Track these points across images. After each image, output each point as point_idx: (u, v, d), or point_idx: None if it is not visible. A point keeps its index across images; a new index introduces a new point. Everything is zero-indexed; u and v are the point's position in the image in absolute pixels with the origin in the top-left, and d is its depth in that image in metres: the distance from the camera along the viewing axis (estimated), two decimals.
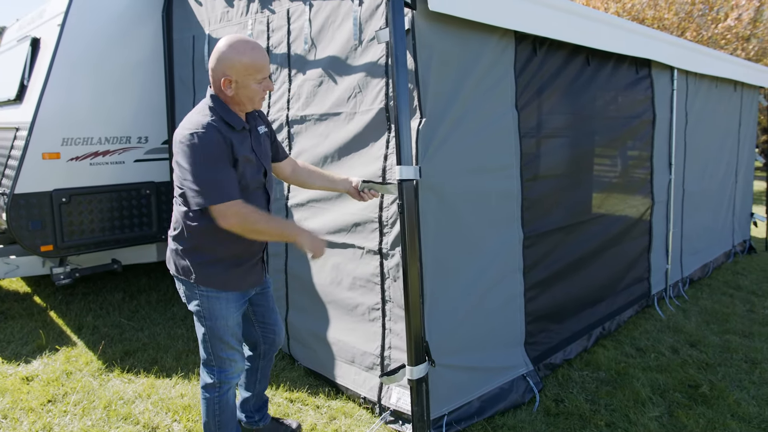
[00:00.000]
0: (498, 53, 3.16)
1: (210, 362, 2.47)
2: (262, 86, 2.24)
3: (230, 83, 2.19)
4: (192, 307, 2.40)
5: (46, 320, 4.68)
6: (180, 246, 2.33)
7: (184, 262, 2.33)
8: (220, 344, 2.42)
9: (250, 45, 2.18)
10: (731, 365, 3.87)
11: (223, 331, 2.40)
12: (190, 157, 2.10)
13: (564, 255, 3.87)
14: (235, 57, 2.15)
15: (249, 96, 2.24)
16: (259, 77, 2.21)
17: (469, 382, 3.11)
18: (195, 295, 2.36)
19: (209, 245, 2.30)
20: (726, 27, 13.25)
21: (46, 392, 3.43)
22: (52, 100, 4.32)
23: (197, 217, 2.26)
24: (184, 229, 2.30)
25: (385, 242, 2.99)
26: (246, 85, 2.20)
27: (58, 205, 4.41)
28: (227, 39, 2.18)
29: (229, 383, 2.50)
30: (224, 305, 2.38)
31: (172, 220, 2.38)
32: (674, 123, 5.09)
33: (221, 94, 2.24)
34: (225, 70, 2.17)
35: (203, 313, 2.37)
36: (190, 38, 4.53)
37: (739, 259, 6.96)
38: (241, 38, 2.18)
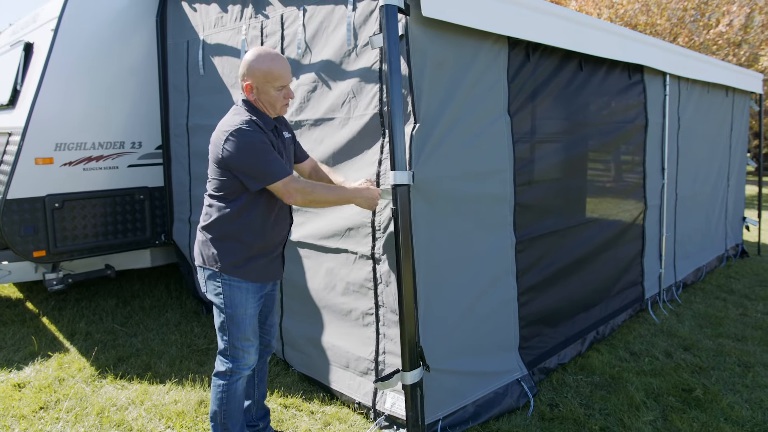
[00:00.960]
0: (491, 59, 3.17)
1: (225, 351, 2.56)
2: (281, 94, 2.46)
3: (252, 89, 2.43)
4: (213, 296, 2.53)
5: (38, 326, 4.65)
6: (210, 235, 2.49)
7: (212, 250, 2.48)
8: (237, 333, 2.53)
9: (271, 55, 2.42)
10: (724, 369, 3.89)
11: (241, 319, 2.52)
12: (243, 145, 2.30)
13: (557, 259, 3.88)
14: (255, 65, 2.40)
15: (270, 102, 2.46)
16: (277, 84, 2.43)
17: (463, 386, 3.11)
18: (218, 283, 2.50)
19: (238, 234, 2.46)
20: (717, 33, 13.36)
21: (38, 399, 3.41)
22: (45, 105, 4.31)
23: (231, 207, 2.44)
24: (215, 219, 2.47)
25: (378, 247, 2.99)
26: (266, 92, 2.44)
27: (51, 211, 4.39)
28: (252, 50, 2.45)
29: (240, 373, 2.58)
30: (245, 295, 2.52)
31: (202, 213, 2.56)
32: (666, 128, 5.12)
33: (250, 98, 2.47)
34: (247, 77, 2.42)
35: (224, 301, 2.50)
36: (185, 43, 4.53)
37: (732, 263, 7.00)
38: (264, 49, 2.44)
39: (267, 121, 2.46)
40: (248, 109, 2.45)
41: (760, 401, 3.44)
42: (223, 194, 2.44)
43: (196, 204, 4.63)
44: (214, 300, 2.54)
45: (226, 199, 2.45)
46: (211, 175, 2.47)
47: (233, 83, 4.04)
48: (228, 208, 2.45)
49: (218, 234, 2.48)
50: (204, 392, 3.47)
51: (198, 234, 2.57)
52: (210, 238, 2.49)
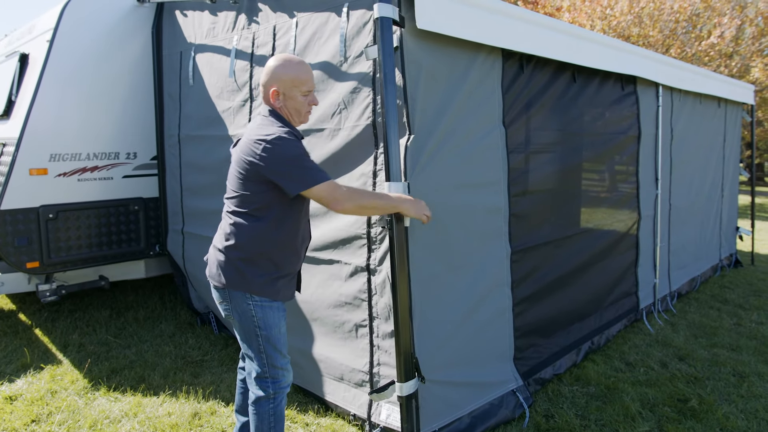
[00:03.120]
0: (485, 70, 3.19)
1: (264, 375, 2.45)
2: (307, 99, 2.42)
3: (278, 95, 2.38)
4: (243, 319, 2.40)
5: (31, 338, 4.61)
6: (238, 255, 2.36)
7: (241, 271, 2.36)
8: (275, 353, 2.44)
9: (296, 60, 2.39)
10: (719, 379, 3.89)
11: (276, 339, 2.43)
12: (284, 151, 2.23)
13: (552, 269, 3.89)
14: (281, 71, 2.36)
15: (296, 108, 2.41)
16: (304, 89, 2.39)
17: (459, 397, 3.10)
18: (248, 306, 2.38)
19: (270, 253, 2.37)
20: (709, 44, 13.50)
21: (29, 412, 3.37)
22: (40, 115, 4.30)
23: (261, 224, 2.34)
24: (244, 238, 2.34)
25: (374, 258, 2.99)
26: (292, 97, 2.39)
27: (45, 222, 4.38)
28: (276, 56, 2.40)
29: (283, 393, 2.50)
30: (277, 314, 2.43)
31: (223, 233, 2.41)
32: (660, 139, 5.16)
33: (275, 108, 2.41)
34: (273, 83, 2.37)
35: (258, 323, 2.39)
36: (178, 54, 4.54)
37: (726, 273, 7.02)
38: (287, 55, 2.40)
39: (296, 132, 2.41)
40: (277, 119, 2.38)
41: (755, 411, 3.44)
42: (253, 210, 2.33)
43: (188, 215, 4.62)
44: (244, 323, 2.41)
45: (256, 216, 2.33)
46: (238, 189, 2.33)
47: (219, 94, 4.05)
48: (259, 225, 2.33)
49: (248, 254, 2.35)
50: (198, 404, 3.45)
51: (217, 254, 2.41)
52: (238, 258, 2.35)
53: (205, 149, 4.27)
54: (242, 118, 3.84)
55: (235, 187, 2.35)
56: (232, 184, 2.38)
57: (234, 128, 3.92)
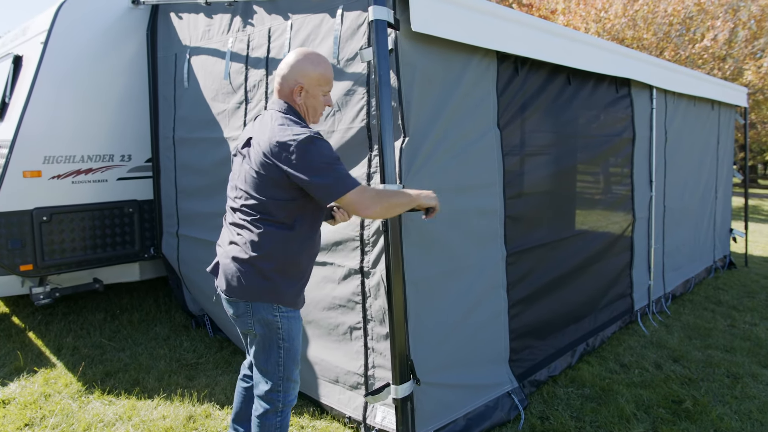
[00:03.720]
0: (480, 73, 3.20)
1: (277, 389, 2.32)
2: (325, 99, 2.34)
3: (302, 91, 2.26)
4: (267, 331, 2.26)
5: (24, 341, 4.59)
6: (268, 266, 2.20)
7: (271, 282, 2.21)
8: (292, 366, 2.33)
9: (322, 58, 2.30)
10: (714, 380, 3.90)
11: (296, 351, 2.33)
12: (317, 156, 2.06)
13: (547, 271, 3.90)
14: (309, 66, 2.25)
15: (314, 106, 2.32)
16: (326, 89, 2.32)
17: (454, 400, 3.10)
18: (274, 317, 2.25)
19: (298, 262, 2.26)
20: (703, 47, 13.57)
21: (23, 416, 3.35)
22: (33, 117, 4.28)
23: (290, 231, 2.21)
24: (274, 248, 2.19)
25: (367, 261, 2.98)
26: (315, 95, 2.29)
27: (39, 224, 4.36)
28: (300, 50, 2.28)
29: (291, 406, 2.40)
30: (299, 324, 2.34)
31: (248, 242, 2.20)
32: (654, 141, 5.18)
33: (293, 103, 2.29)
34: (298, 78, 2.25)
35: (283, 335, 2.27)
36: (173, 56, 4.54)
37: (720, 275, 7.05)
38: (313, 51, 2.29)
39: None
40: (297, 116, 2.24)
41: (749, 412, 3.45)
42: (282, 217, 2.18)
43: (183, 217, 4.61)
44: (267, 335, 2.26)
45: (285, 223, 2.19)
46: (260, 194, 2.16)
47: (214, 96, 4.04)
48: (290, 233, 2.19)
49: (280, 263, 2.20)
50: (192, 407, 3.44)
51: (238, 265, 2.21)
52: (270, 269, 2.19)
53: (200, 151, 4.26)
54: (237, 121, 3.83)
55: (257, 192, 2.17)
56: (251, 189, 2.18)
57: (229, 130, 3.91)
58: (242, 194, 2.23)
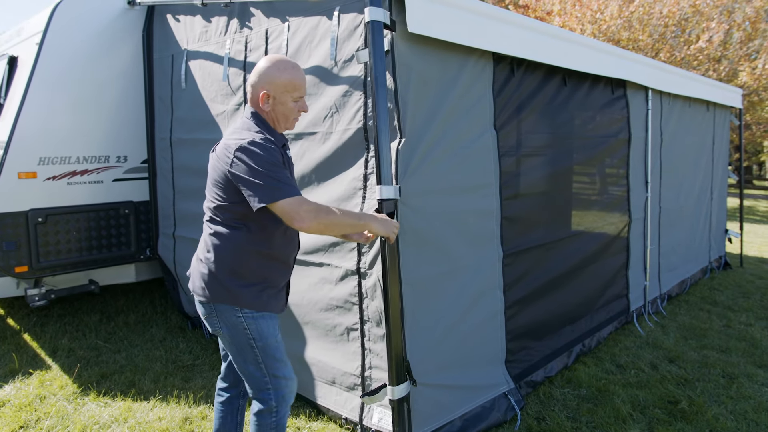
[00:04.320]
0: (476, 74, 3.21)
1: (265, 387, 2.31)
2: (297, 105, 2.30)
3: (268, 98, 2.25)
4: (234, 332, 2.26)
5: (19, 343, 4.57)
6: (218, 268, 2.22)
7: (225, 285, 2.23)
8: (275, 363, 2.31)
9: (290, 63, 2.26)
10: (709, 380, 3.91)
11: (274, 348, 2.31)
12: (254, 157, 2.08)
13: (544, 272, 3.90)
14: (275, 73, 2.23)
15: (284, 113, 2.29)
16: (296, 95, 2.28)
17: (450, 401, 3.10)
18: (239, 319, 2.25)
19: (252, 265, 2.25)
20: (698, 48, 13.63)
21: (18, 418, 3.34)
22: (29, 118, 4.27)
23: (240, 233, 2.22)
24: (224, 249, 2.22)
25: (364, 261, 2.98)
26: (283, 102, 2.26)
27: (34, 225, 4.34)
28: (268, 57, 2.26)
29: (286, 404, 2.37)
30: (269, 323, 2.31)
31: (203, 246, 2.28)
32: (649, 142, 5.20)
33: (260, 111, 2.29)
34: (264, 86, 2.24)
35: (251, 335, 2.26)
36: (170, 57, 4.53)
37: (716, 275, 7.07)
38: (281, 57, 2.27)
39: (277, 138, 2.26)
40: (258, 123, 2.25)
41: (744, 412, 3.47)
42: (232, 219, 2.21)
43: (180, 218, 4.60)
44: (235, 337, 2.26)
45: (235, 226, 2.21)
46: (215, 197, 2.22)
47: (213, 97, 4.04)
48: (240, 235, 2.21)
49: (231, 265, 2.22)
50: (189, 409, 3.43)
51: (200, 266, 2.28)
52: (220, 270, 2.22)
53: (199, 152, 4.26)
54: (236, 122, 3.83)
55: (213, 194, 2.23)
56: (210, 191, 2.25)
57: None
58: (207, 197, 2.29)
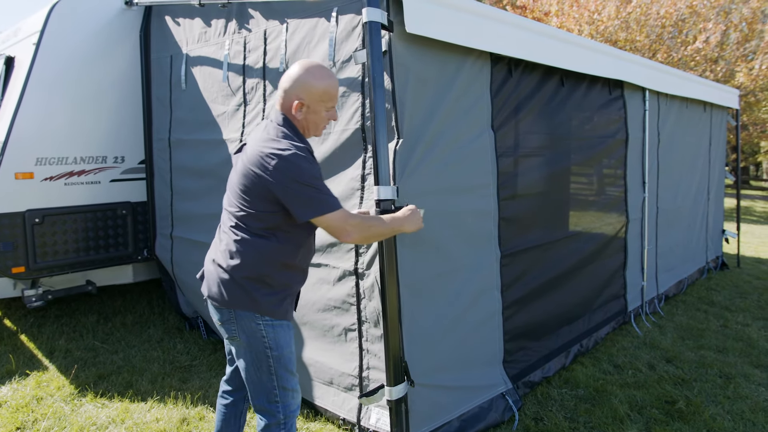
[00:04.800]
0: (474, 74, 3.21)
1: (274, 399, 2.26)
2: (328, 114, 2.26)
3: (302, 107, 2.19)
4: (252, 340, 2.21)
5: (16, 344, 4.56)
6: (243, 275, 2.17)
7: (248, 292, 2.18)
8: (287, 375, 2.26)
9: (327, 72, 2.20)
10: (706, 380, 3.92)
11: (288, 359, 2.27)
12: (297, 173, 2.04)
13: (541, 273, 3.90)
14: (311, 81, 2.16)
15: (315, 122, 2.24)
16: (329, 105, 2.23)
17: (448, 401, 3.10)
18: (258, 327, 2.20)
19: (276, 274, 2.21)
20: (695, 49, 13.65)
21: (14, 419, 3.33)
22: (26, 119, 4.26)
23: (270, 241, 2.17)
24: (250, 256, 2.17)
25: (361, 262, 2.98)
26: (316, 111, 2.21)
27: (31, 226, 4.33)
28: (304, 63, 2.20)
29: (294, 416, 2.31)
30: (287, 333, 2.27)
31: (227, 250, 2.20)
32: (647, 142, 5.20)
33: (291, 117, 2.23)
34: (299, 93, 2.17)
35: (269, 344, 2.21)
36: (168, 58, 4.52)
37: (713, 275, 7.09)
38: (317, 64, 2.21)
39: (309, 147, 2.22)
40: (291, 130, 2.18)
41: (741, 412, 3.47)
42: (261, 228, 2.15)
43: (178, 219, 4.59)
44: (253, 345, 2.21)
45: (264, 236, 2.16)
46: (244, 205, 2.15)
47: (214, 98, 4.04)
48: (268, 244, 2.16)
49: (255, 273, 2.17)
50: (186, 410, 3.42)
51: (220, 272, 2.21)
52: (244, 277, 2.17)
53: (199, 153, 4.25)
54: (236, 123, 3.83)
55: (241, 201, 2.16)
56: (236, 197, 2.17)
57: (228, 132, 3.90)
58: (229, 200, 2.23)
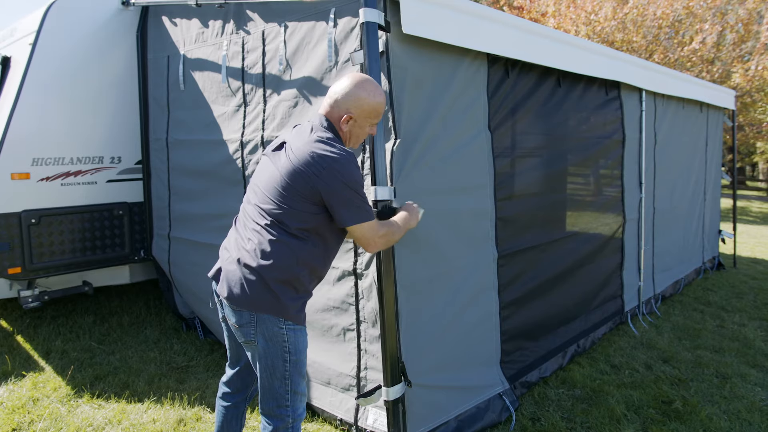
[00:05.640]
0: (471, 75, 3.21)
1: (285, 403, 2.24)
2: (370, 129, 2.30)
3: (350, 120, 2.20)
4: (271, 344, 2.17)
5: (12, 345, 4.54)
6: (274, 277, 2.13)
7: (276, 295, 2.13)
8: (299, 379, 2.26)
9: (378, 89, 2.23)
10: (703, 380, 3.93)
11: (302, 364, 2.26)
12: (347, 177, 2.06)
13: (538, 273, 3.91)
14: (364, 97, 2.19)
15: (358, 135, 2.27)
16: (374, 121, 2.27)
17: (445, 401, 3.10)
18: (281, 331, 2.17)
19: (306, 277, 2.20)
20: (691, 50, 13.69)
21: (10, 420, 3.32)
22: (22, 119, 4.25)
23: (307, 243, 2.15)
24: (285, 259, 2.13)
25: (360, 262, 2.98)
26: (362, 126, 2.24)
27: (27, 227, 4.32)
28: (358, 78, 2.21)
29: (300, 420, 2.31)
30: (305, 338, 2.27)
31: (258, 249, 2.14)
32: (643, 143, 5.22)
33: (336, 125, 2.23)
34: (350, 107, 2.19)
35: (289, 348, 2.19)
36: (165, 58, 4.51)
37: (709, 276, 7.11)
38: (371, 80, 2.23)
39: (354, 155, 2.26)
40: (335, 134, 2.20)
41: (737, 412, 3.48)
42: (299, 229, 2.12)
43: (175, 219, 4.59)
44: (271, 348, 2.17)
45: (300, 236, 2.13)
46: (283, 202, 2.10)
47: (213, 99, 4.03)
48: (304, 246, 2.14)
49: (287, 275, 2.13)
50: (183, 411, 3.42)
51: (245, 272, 2.14)
52: (275, 279, 2.12)
53: (198, 153, 4.24)
54: (236, 123, 3.82)
55: (281, 199, 2.11)
56: (275, 194, 2.12)
57: (228, 133, 3.89)
58: (263, 197, 2.17)
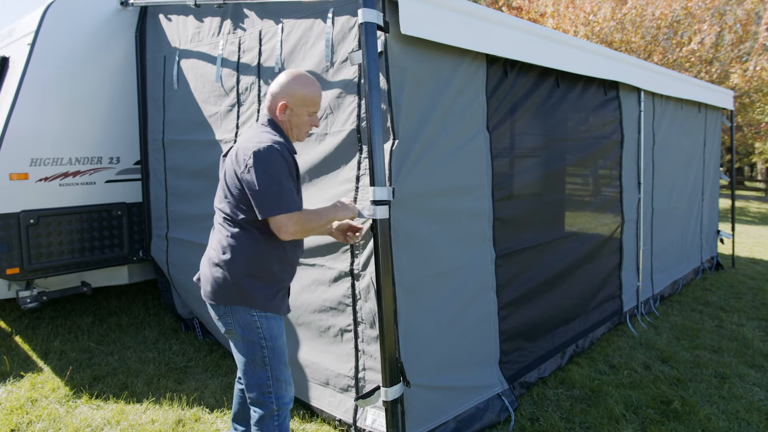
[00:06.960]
0: (469, 75, 3.21)
1: (267, 390, 2.38)
2: (310, 120, 2.45)
3: (285, 109, 2.39)
4: (247, 332, 2.34)
5: (10, 345, 4.54)
6: (236, 271, 2.30)
7: (241, 287, 2.31)
8: (280, 366, 2.40)
9: (311, 80, 2.42)
10: (701, 380, 3.93)
11: (281, 351, 2.40)
12: (267, 165, 2.20)
13: (537, 273, 3.91)
14: (296, 87, 2.38)
15: (298, 125, 2.43)
16: (312, 110, 2.43)
17: (444, 402, 3.10)
18: (253, 319, 2.33)
19: (268, 267, 2.34)
20: (690, 50, 13.71)
21: (9, 421, 3.32)
22: (20, 120, 4.25)
23: (258, 235, 2.31)
24: (241, 251, 2.30)
25: (357, 263, 2.98)
26: (298, 114, 2.41)
27: (26, 227, 4.31)
28: (291, 71, 2.42)
29: (287, 408, 2.44)
30: (280, 324, 2.41)
31: (219, 246, 2.35)
32: (642, 143, 5.22)
33: (276, 119, 2.42)
34: (284, 97, 2.38)
35: (264, 335, 2.35)
36: (162, 58, 4.51)
37: (708, 276, 7.11)
38: (303, 72, 2.43)
39: (291, 146, 2.40)
40: (274, 129, 2.38)
41: (736, 412, 3.49)
42: (245, 221, 2.29)
43: (173, 219, 4.58)
44: (248, 336, 2.34)
45: (248, 228, 2.30)
46: (233, 199, 2.30)
47: (205, 98, 4.03)
48: (258, 237, 2.30)
49: (248, 267, 2.30)
50: (182, 411, 3.41)
51: (213, 269, 2.35)
52: (237, 272, 2.30)
53: (192, 154, 4.24)
54: (230, 123, 3.82)
55: (228, 196, 2.31)
56: (224, 192, 2.34)
57: (221, 133, 3.90)
58: (220, 197, 2.38)
